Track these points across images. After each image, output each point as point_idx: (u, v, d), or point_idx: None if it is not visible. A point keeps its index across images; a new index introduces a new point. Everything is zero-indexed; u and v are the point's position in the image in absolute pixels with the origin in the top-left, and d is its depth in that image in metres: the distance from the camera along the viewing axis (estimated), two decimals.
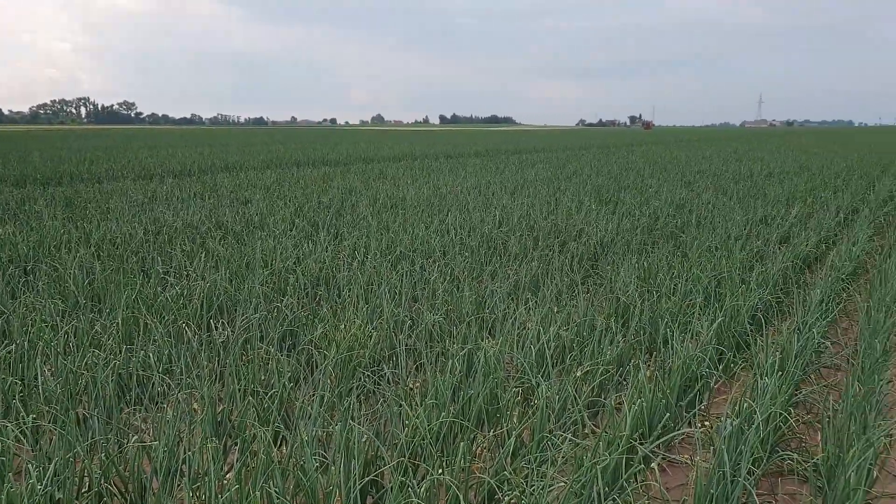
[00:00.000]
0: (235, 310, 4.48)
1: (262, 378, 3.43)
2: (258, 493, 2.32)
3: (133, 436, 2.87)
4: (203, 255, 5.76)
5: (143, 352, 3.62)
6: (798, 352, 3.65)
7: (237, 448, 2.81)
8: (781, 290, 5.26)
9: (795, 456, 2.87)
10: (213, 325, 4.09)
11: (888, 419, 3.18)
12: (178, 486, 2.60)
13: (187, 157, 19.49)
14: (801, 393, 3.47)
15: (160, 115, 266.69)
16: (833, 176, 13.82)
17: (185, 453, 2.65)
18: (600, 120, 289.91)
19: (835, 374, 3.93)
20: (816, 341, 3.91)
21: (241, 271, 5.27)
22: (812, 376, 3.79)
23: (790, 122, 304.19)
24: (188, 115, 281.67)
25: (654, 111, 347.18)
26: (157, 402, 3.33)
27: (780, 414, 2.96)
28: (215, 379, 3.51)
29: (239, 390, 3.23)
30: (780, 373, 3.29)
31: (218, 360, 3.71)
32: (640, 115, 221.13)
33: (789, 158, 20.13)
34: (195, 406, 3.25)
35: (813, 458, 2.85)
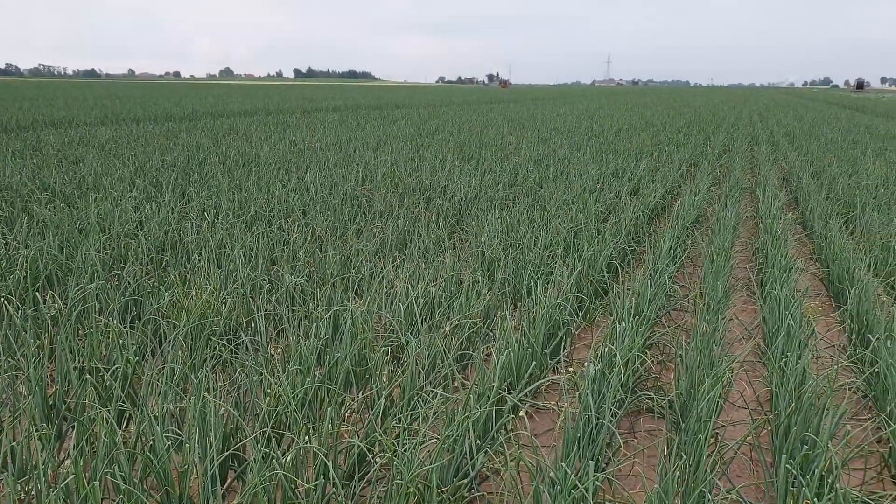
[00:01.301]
0: (68, 280, 4.01)
1: (103, 354, 3.08)
2: (98, 482, 2.06)
3: None
4: (25, 220, 5.10)
5: None
6: (651, 297, 3.83)
7: (74, 432, 2.50)
8: (634, 239, 5.53)
9: (653, 395, 3.01)
10: (39, 298, 3.62)
11: (730, 354, 3.43)
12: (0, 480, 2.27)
13: (3, 111, 17.34)
14: (655, 335, 3.66)
15: None
16: (675, 132, 14.81)
17: (8, 444, 2.31)
18: (459, 77, 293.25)
19: (683, 316, 4.18)
20: (667, 286, 4.13)
21: (73, 238, 4.72)
22: (664, 319, 4.01)
23: (636, 81, 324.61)
24: (2, 66, 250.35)
25: (511, 70, 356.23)
26: None
27: (638, 356, 3.08)
28: (44, 358, 3.11)
29: (75, 369, 2.88)
30: (637, 317, 3.43)
31: (48, 337, 3.29)
32: (498, 74, 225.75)
33: (636, 115, 21.36)
34: (21, 389, 2.86)
35: (668, 396, 3.00)
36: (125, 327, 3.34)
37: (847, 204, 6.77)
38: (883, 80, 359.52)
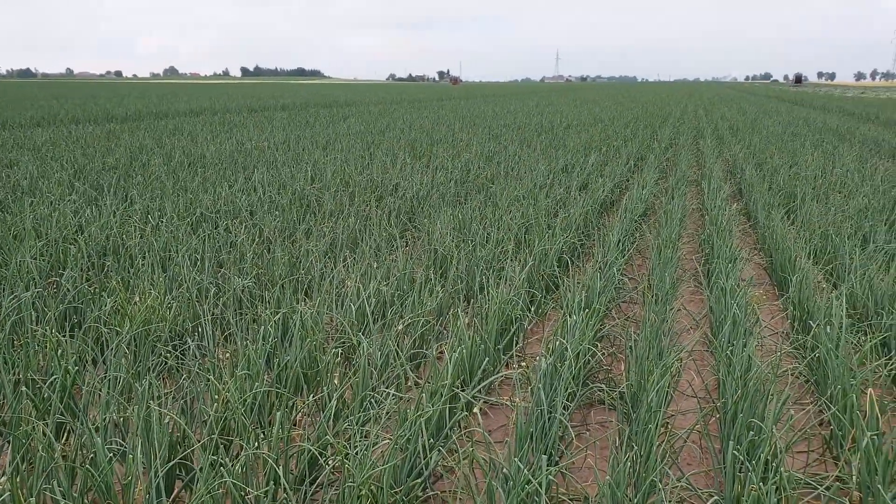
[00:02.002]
0: (1, 289, 3.83)
1: (40, 364, 2.96)
2: (34, 499, 1.97)
3: None
4: None
5: None
6: (601, 289, 3.88)
7: (10, 448, 2.39)
8: (583, 233, 5.59)
9: (604, 387, 3.04)
10: None
11: (679, 344, 3.49)
12: None
13: None
14: (605, 328, 3.70)
15: None
16: (623, 126, 15.05)
17: None
18: (410, 75, 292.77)
19: (633, 308, 4.25)
20: (616, 279, 4.19)
21: (6, 244, 4.52)
22: (614, 311, 4.06)
23: (584, 77, 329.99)
24: None
25: (462, 67, 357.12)
26: None
27: (589, 349, 3.11)
28: None
29: (9, 382, 2.75)
30: (587, 310, 3.46)
31: None
32: (448, 71, 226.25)
33: (584, 111, 21.65)
34: None
35: (619, 387, 3.04)
36: (64, 336, 3.21)
37: (788, 195, 6.98)
38: (819, 75, 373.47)
